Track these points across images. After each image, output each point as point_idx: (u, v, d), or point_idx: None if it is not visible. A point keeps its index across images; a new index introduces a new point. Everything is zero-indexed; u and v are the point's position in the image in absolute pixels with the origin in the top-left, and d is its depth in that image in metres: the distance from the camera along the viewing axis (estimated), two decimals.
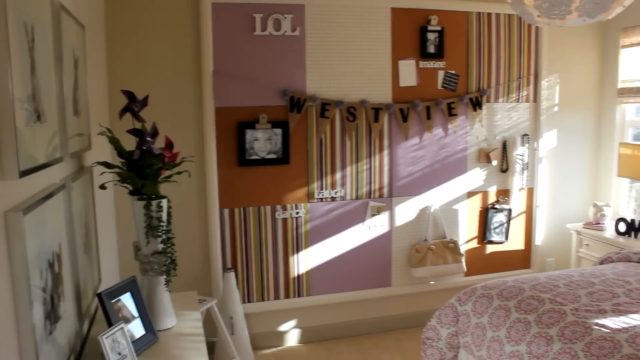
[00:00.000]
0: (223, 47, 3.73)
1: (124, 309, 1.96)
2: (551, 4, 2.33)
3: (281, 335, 4.14)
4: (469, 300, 2.94)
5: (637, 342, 2.19)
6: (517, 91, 4.50)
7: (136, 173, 2.09)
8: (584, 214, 4.87)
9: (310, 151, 3.99)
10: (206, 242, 3.87)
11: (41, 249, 1.46)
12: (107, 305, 1.87)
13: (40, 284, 1.42)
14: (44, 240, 1.50)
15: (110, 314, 1.86)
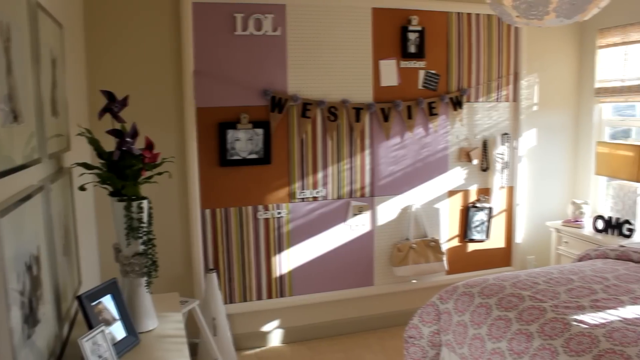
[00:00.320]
0: (204, 47, 3.71)
1: (104, 312, 1.94)
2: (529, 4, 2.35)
3: (264, 335, 4.13)
4: (450, 298, 2.95)
5: (614, 337, 2.23)
6: (497, 91, 4.53)
7: (116, 174, 2.08)
8: (563, 212, 4.93)
9: (291, 151, 3.98)
10: (188, 243, 3.85)
11: (19, 251, 1.44)
12: (87, 308, 1.85)
13: (18, 287, 1.40)
14: (21, 243, 1.48)
15: (90, 317, 1.84)
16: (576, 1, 2.32)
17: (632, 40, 4.35)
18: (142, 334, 2.08)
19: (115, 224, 2.09)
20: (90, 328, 1.81)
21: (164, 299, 2.49)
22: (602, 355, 2.13)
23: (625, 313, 2.44)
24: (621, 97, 4.50)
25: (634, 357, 2.08)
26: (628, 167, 4.04)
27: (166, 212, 3.75)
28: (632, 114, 4.68)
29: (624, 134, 4.76)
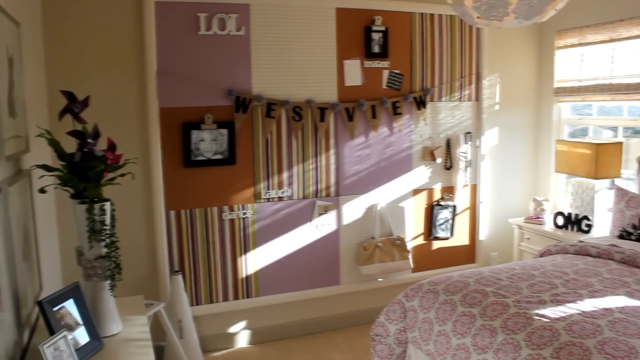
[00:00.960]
0: (167, 46, 3.67)
1: (67, 316, 1.90)
2: (489, 6, 2.40)
3: (231, 337, 4.11)
4: (415, 296, 2.99)
5: (573, 329, 2.28)
6: (459, 90, 4.60)
7: (78, 176, 2.04)
8: (525, 209, 5.03)
9: (256, 151, 3.97)
10: (152, 245, 3.80)
11: None
12: (48, 313, 1.82)
13: None
14: None
15: (51, 322, 1.81)
16: (534, 3, 2.37)
17: (588, 41, 4.47)
18: (106, 339, 2.05)
19: (77, 227, 2.05)
20: (51, 334, 1.77)
21: (128, 302, 2.46)
22: (562, 347, 2.19)
23: (584, 306, 2.51)
24: (579, 96, 4.61)
25: (592, 348, 2.14)
26: (586, 165, 4.14)
27: (130, 214, 3.70)
28: (589, 113, 4.80)
29: (582, 133, 4.88)
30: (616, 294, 2.64)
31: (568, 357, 2.13)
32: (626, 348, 2.13)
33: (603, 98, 4.41)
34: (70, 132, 2.05)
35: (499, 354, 2.36)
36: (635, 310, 2.45)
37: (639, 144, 4.36)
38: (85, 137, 2.04)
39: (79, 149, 2.03)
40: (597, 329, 2.27)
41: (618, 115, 4.58)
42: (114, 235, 2.11)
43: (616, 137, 4.58)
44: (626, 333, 2.23)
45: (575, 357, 2.12)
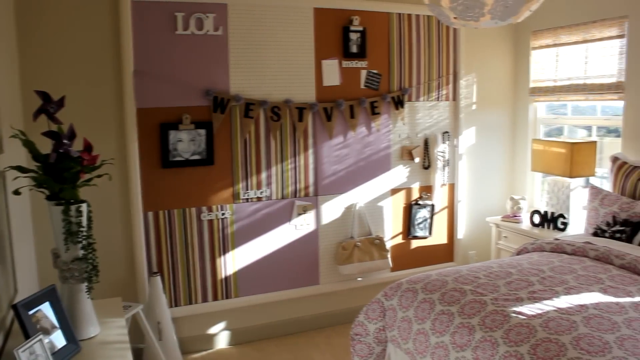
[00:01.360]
0: (144, 46, 3.64)
1: (43, 320, 1.88)
2: (466, 6, 2.42)
3: (211, 338, 4.09)
4: (394, 295, 3.00)
5: (549, 326, 2.31)
6: (437, 90, 4.63)
7: (53, 177, 2.02)
8: (502, 208, 5.08)
9: (234, 151, 3.96)
10: (130, 247, 3.77)
11: None
12: (24, 317, 1.79)
13: None
14: None
15: (27, 326, 1.78)
16: (510, 4, 2.40)
17: (563, 42, 4.53)
18: (83, 342, 2.03)
19: (53, 229, 2.03)
20: (27, 338, 1.75)
21: (106, 304, 2.44)
22: (539, 344, 2.22)
23: (560, 303, 2.54)
24: (554, 96, 4.67)
25: (567, 344, 2.17)
26: (561, 164, 4.20)
27: (107, 216, 3.67)
28: (564, 112, 4.86)
29: (557, 132, 4.95)
30: (591, 290, 2.68)
31: (544, 353, 2.16)
32: (600, 343, 2.16)
33: (577, 98, 4.47)
34: (45, 132, 2.02)
35: (477, 352, 2.38)
36: (608, 306, 2.49)
37: (612, 143, 4.43)
38: (60, 137, 2.01)
39: (54, 149, 2.00)
40: (573, 325, 2.30)
41: (592, 115, 4.66)
42: (91, 237, 2.09)
43: (590, 136, 4.65)
44: (600, 329, 2.27)
45: (552, 353, 2.15)
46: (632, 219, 3.52)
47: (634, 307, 2.49)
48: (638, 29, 3.93)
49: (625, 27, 4.02)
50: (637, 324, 2.32)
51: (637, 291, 2.67)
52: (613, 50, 4.13)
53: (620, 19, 4.05)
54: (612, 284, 2.76)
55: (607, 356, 2.09)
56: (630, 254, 3.02)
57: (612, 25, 4.12)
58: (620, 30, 4.06)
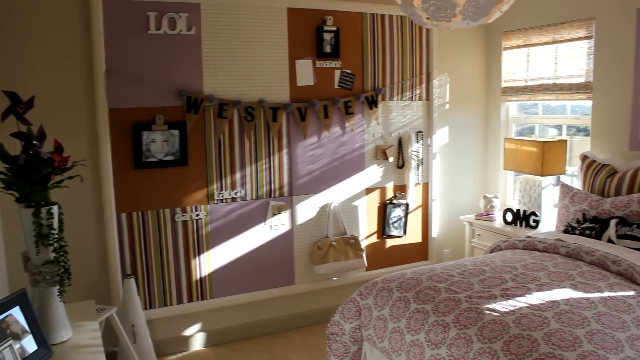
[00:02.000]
0: (116, 45, 3.60)
1: (13, 325, 1.84)
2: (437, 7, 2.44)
3: (186, 340, 4.06)
4: (370, 293, 3.01)
5: (522, 322, 2.35)
6: (410, 90, 4.66)
7: (23, 179, 1.98)
8: (476, 206, 5.14)
9: (209, 152, 3.94)
10: (103, 249, 3.72)
11: None
12: None
13: None
14: None
15: None
16: (481, 5, 2.43)
17: (533, 42, 4.60)
18: (55, 346, 2.00)
19: (23, 232, 1.99)
20: None
21: (79, 307, 2.40)
22: (512, 340, 2.25)
23: (532, 299, 2.58)
24: (525, 95, 4.74)
25: (539, 340, 2.21)
26: (533, 162, 4.26)
27: (79, 218, 3.62)
28: (535, 111, 4.94)
29: (529, 131, 5.02)
30: (562, 286, 2.73)
31: (517, 349, 2.19)
32: (571, 338, 2.20)
33: (548, 97, 4.55)
34: (14, 133, 1.99)
35: (451, 349, 2.40)
36: (579, 302, 2.54)
37: (582, 141, 4.51)
38: (30, 139, 1.98)
39: (23, 151, 1.97)
40: (545, 321, 2.34)
41: (562, 114, 4.73)
42: (63, 239, 2.05)
43: (561, 135, 4.73)
44: (571, 324, 2.31)
45: (524, 348, 2.18)
46: (601, 216, 3.59)
47: (603, 302, 2.54)
48: (604, 31, 4.01)
49: (593, 29, 4.10)
50: (606, 319, 2.37)
51: (605, 286, 2.72)
52: (581, 51, 4.21)
53: (588, 20, 4.12)
54: (582, 279, 2.81)
55: (577, 350, 2.13)
56: (599, 250, 3.08)
57: (580, 27, 4.19)
58: (588, 32, 4.13)
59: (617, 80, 3.95)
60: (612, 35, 3.96)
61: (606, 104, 4.05)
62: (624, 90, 3.90)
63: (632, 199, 3.50)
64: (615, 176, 3.75)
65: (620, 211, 3.51)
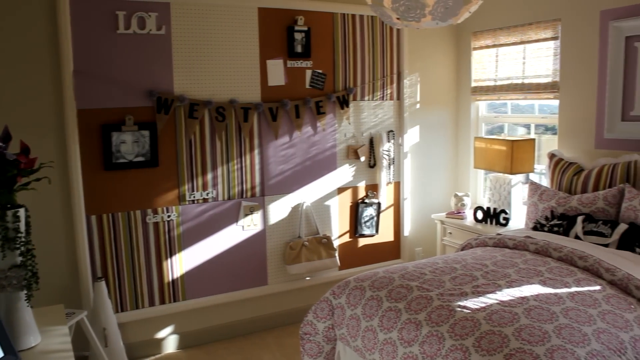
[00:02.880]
0: (84, 45, 3.55)
1: None
2: (407, 7, 2.46)
3: (159, 342, 4.02)
4: (342, 293, 3.02)
5: (493, 319, 2.38)
6: (381, 89, 4.69)
7: None
8: (447, 205, 5.19)
9: (180, 153, 3.91)
10: (73, 252, 3.67)
11: None
12: None
13: None
14: None
15: None
16: (449, 5, 2.46)
17: (502, 43, 4.67)
18: (22, 352, 1.96)
19: None
20: None
21: (48, 312, 2.36)
22: (483, 336, 2.28)
23: (502, 296, 2.62)
24: (494, 95, 4.81)
25: (510, 335, 2.24)
26: (502, 161, 4.33)
27: (48, 220, 3.56)
28: (504, 111, 5.01)
29: (499, 130, 5.09)
30: (531, 282, 2.77)
31: (488, 345, 2.22)
32: (540, 333, 2.24)
33: (516, 97, 4.62)
34: None
35: (424, 347, 2.42)
36: (548, 297, 2.58)
37: (549, 140, 4.59)
38: None
39: None
40: (515, 317, 2.38)
41: (530, 113, 4.81)
42: (30, 242, 2.02)
43: (529, 134, 4.80)
44: (540, 319, 2.35)
45: (495, 344, 2.21)
46: (569, 213, 3.66)
47: (571, 297, 2.59)
48: (570, 32, 4.09)
49: (559, 30, 4.17)
50: (573, 313, 2.42)
51: (573, 282, 2.77)
52: (548, 52, 4.29)
53: (554, 21, 4.20)
54: (551, 275, 2.86)
55: (546, 345, 2.17)
56: (566, 246, 3.14)
57: (546, 28, 4.27)
58: (554, 33, 4.21)
59: (582, 80, 4.03)
60: (577, 36, 4.04)
61: (572, 103, 4.13)
62: (589, 89, 3.98)
63: (597, 196, 3.57)
64: (582, 174, 3.82)
65: (587, 208, 3.58)
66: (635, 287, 2.69)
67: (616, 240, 3.25)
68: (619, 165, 3.63)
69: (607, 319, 2.42)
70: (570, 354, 2.14)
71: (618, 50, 3.76)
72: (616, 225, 3.32)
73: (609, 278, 2.80)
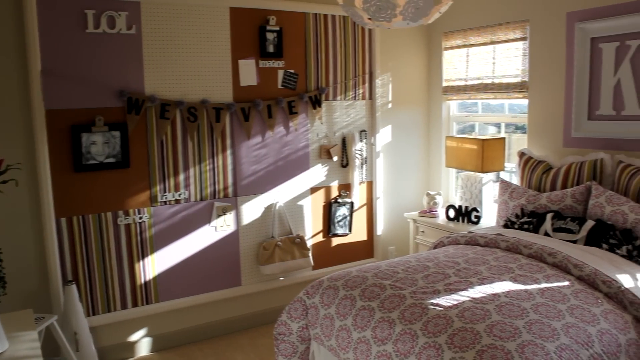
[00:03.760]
0: (52, 44, 3.49)
1: None
2: (378, 7, 2.48)
3: (131, 345, 3.98)
4: (316, 293, 3.03)
5: (465, 316, 2.41)
6: (353, 89, 4.71)
7: None
8: (419, 203, 5.23)
9: (151, 153, 3.87)
10: (42, 255, 3.60)
11: None
12: None
13: None
14: None
15: None
16: (420, 6, 2.48)
17: (472, 43, 4.72)
18: None
19: None
20: None
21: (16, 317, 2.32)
22: (456, 333, 2.31)
23: (474, 293, 2.65)
24: (465, 94, 4.86)
25: (482, 332, 2.27)
26: (473, 160, 4.38)
27: (16, 223, 3.50)
28: (475, 110, 5.07)
29: (470, 129, 5.14)
30: (502, 279, 2.82)
31: (461, 342, 2.25)
32: (511, 329, 2.28)
33: (487, 96, 4.68)
34: None
35: (397, 345, 2.44)
36: (518, 293, 2.62)
37: (519, 139, 4.66)
38: None
39: None
40: (486, 314, 2.41)
41: (501, 113, 4.88)
42: None
43: (500, 133, 4.87)
44: (511, 315, 2.39)
45: (468, 341, 2.24)
46: (538, 210, 3.72)
47: (540, 293, 2.64)
48: (538, 33, 4.16)
49: (527, 30, 4.24)
50: (543, 309, 2.46)
51: (543, 278, 2.82)
52: (517, 52, 4.35)
53: (523, 22, 4.26)
54: (521, 272, 2.91)
55: (517, 340, 2.20)
56: (536, 243, 3.20)
57: (515, 28, 4.33)
58: (523, 33, 4.28)
59: (550, 80, 4.10)
60: (545, 37, 4.11)
61: (541, 103, 4.20)
62: (557, 89, 4.05)
63: (566, 194, 3.64)
64: (551, 172, 3.89)
65: (556, 205, 3.65)
66: (602, 282, 2.75)
67: (584, 237, 3.32)
68: (586, 163, 3.70)
69: (575, 313, 2.47)
70: (540, 349, 2.18)
71: (584, 51, 3.84)
72: (584, 222, 3.38)
73: (577, 274, 2.86)
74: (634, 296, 2.65)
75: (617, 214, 3.30)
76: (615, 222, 3.30)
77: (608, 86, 3.73)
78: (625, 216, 3.26)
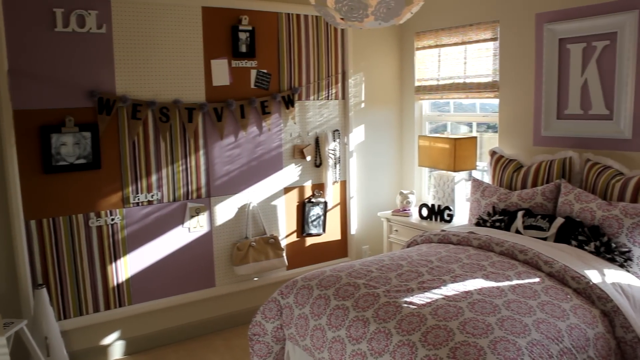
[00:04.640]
0: (19, 43, 3.42)
1: None
2: (350, 7, 2.49)
3: (104, 349, 3.93)
4: (290, 292, 3.03)
5: (438, 313, 2.44)
6: (326, 89, 4.72)
7: None
8: (392, 202, 5.27)
9: (123, 154, 3.83)
10: (11, 259, 3.54)
11: None
12: None
13: None
14: None
15: None
16: (392, 6, 2.50)
17: (444, 43, 4.77)
18: None
19: None
20: None
21: None
22: (430, 331, 2.33)
23: (447, 291, 2.68)
24: (437, 94, 4.91)
25: (455, 329, 2.30)
26: (445, 159, 4.42)
27: None
28: (448, 110, 5.12)
29: (442, 128, 5.19)
30: (474, 277, 2.85)
31: (435, 339, 2.28)
32: (484, 326, 2.31)
33: (458, 96, 4.73)
34: None
35: (372, 343, 2.46)
36: (490, 291, 2.66)
37: (491, 138, 4.72)
38: None
39: None
40: (459, 311, 2.44)
41: (472, 112, 4.93)
42: None
43: (471, 132, 4.93)
44: (483, 312, 2.42)
45: (441, 338, 2.27)
46: (509, 208, 3.77)
47: (512, 289, 2.68)
48: (508, 33, 4.22)
49: (498, 31, 4.30)
50: (515, 305, 2.50)
51: (514, 275, 2.87)
52: (488, 52, 4.41)
53: (493, 23, 4.32)
54: (493, 269, 2.95)
55: (489, 337, 2.24)
56: (508, 241, 3.24)
57: (486, 29, 4.39)
58: (494, 34, 4.33)
59: (520, 80, 4.16)
60: (515, 38, 4.17)
61: (511, 102, 4.26)
62: (527, 89, 4.12)
63: (536, 192, 3.70)
64: (521, 170, 3.95)
65: (526, 203, 3.71)
66: (571, 277, 2.80)
67: (554, 234, 3.38)
68: (555, 162, 3.77)
69: (545, 309, 2.51)
70: (512, 345, 2.21)
71: (552, 51, 3.91)
72: (553, 219, 3.44)
73: (547, 270, 2.91)
74: (601, 291, 2.71)
75: (586, 211, 3.37)
76: (583, 219, 3.37)
77: (576, 86, 3.80)
78: (593, 213, 3.33)
